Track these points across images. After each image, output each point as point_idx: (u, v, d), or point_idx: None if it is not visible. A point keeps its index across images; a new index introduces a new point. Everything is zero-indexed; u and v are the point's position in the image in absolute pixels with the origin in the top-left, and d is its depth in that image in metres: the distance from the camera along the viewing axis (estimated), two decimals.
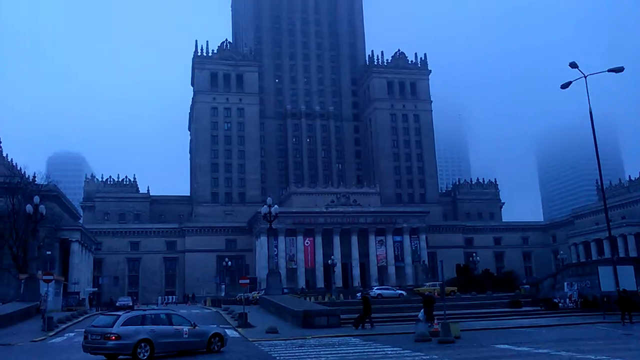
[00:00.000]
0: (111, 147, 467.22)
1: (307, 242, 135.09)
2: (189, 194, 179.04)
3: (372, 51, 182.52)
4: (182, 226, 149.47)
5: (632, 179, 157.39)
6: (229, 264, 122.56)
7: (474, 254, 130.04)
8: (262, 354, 26.41)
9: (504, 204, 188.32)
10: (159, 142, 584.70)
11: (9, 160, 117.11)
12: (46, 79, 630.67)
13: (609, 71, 42.79)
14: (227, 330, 31.36)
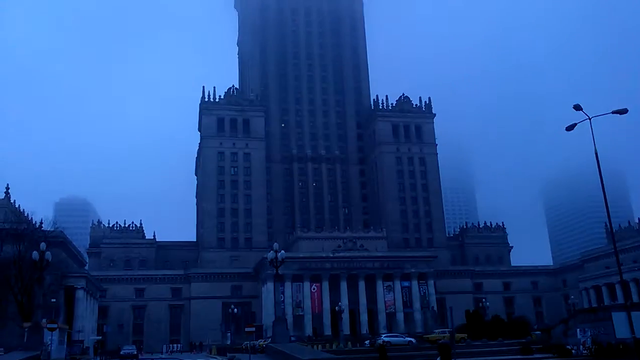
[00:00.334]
0: (118, 192, 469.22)
1: (313, 288, 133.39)
2: (195, 239, 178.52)
3: (377, 95, 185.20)
4: (188, 272, 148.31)
5: None
6: (235, 311, 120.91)
7: (484, 300, 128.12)
8: None
9: (512, 247, 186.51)
10: (166, 187, 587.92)
11: (17, 206, 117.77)
12: (54, 125, 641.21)
13: (613, 113, 42.84)
14: None
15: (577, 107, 42.95)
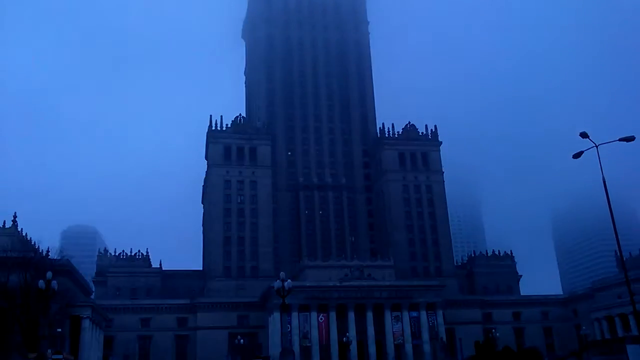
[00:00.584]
0: (125, 220, 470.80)
1: (321, 318, 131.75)
2: (202, 268, 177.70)
3: (383, 124, 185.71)
4: (194, 302, 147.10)
5: None
6: (242, 341, 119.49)
7: (493, 330, 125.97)
8: None
9: (522, 276, 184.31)
10: (173, 214, 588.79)
11: (24, 234, 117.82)
12: (61, 153, 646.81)
13: (620, 140, 42.72)
14: None
15: (584, 135, 42.81)
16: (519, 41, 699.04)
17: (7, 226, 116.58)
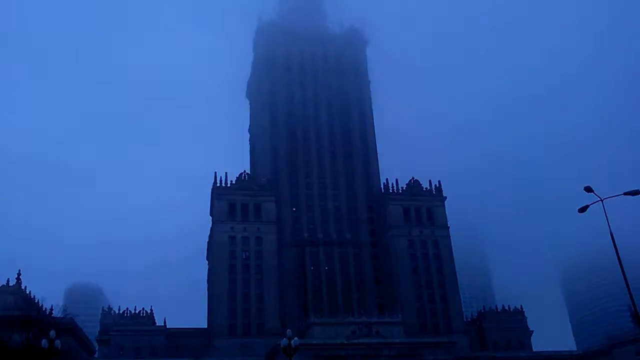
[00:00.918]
0: (128, 277, 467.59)
1: None
2: (206, 326, 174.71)
3: (387, 179, 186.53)
4: None
5: None
6: None
7: None
8: None
9: (533, 332, 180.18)
10: (177, 271, 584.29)
11: (27, 292, 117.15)
12: (65, 210, 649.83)
13: (625, 194, 42.99)
14: None
15: (588, 189, 43.02)
16: (520, 87, 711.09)
17: (11, 284, 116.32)
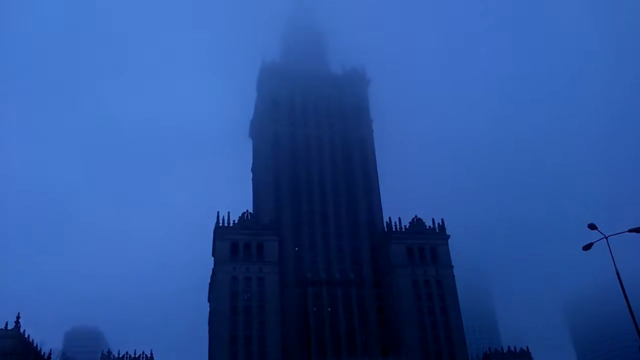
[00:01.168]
0: (128, 320, 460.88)
1: None
2: None
3: (390, 217, 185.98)
4: None
5: None
6: None
7: None
8: None
9: None
10: (177, 313, 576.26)
11: (26, 336, 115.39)
12: (64, 253, 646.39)
13: (630, 231, 42.64)
14: None
15: (592, 227, 42.70)
16: (522, 114, 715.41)
17: (9, 327, 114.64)
